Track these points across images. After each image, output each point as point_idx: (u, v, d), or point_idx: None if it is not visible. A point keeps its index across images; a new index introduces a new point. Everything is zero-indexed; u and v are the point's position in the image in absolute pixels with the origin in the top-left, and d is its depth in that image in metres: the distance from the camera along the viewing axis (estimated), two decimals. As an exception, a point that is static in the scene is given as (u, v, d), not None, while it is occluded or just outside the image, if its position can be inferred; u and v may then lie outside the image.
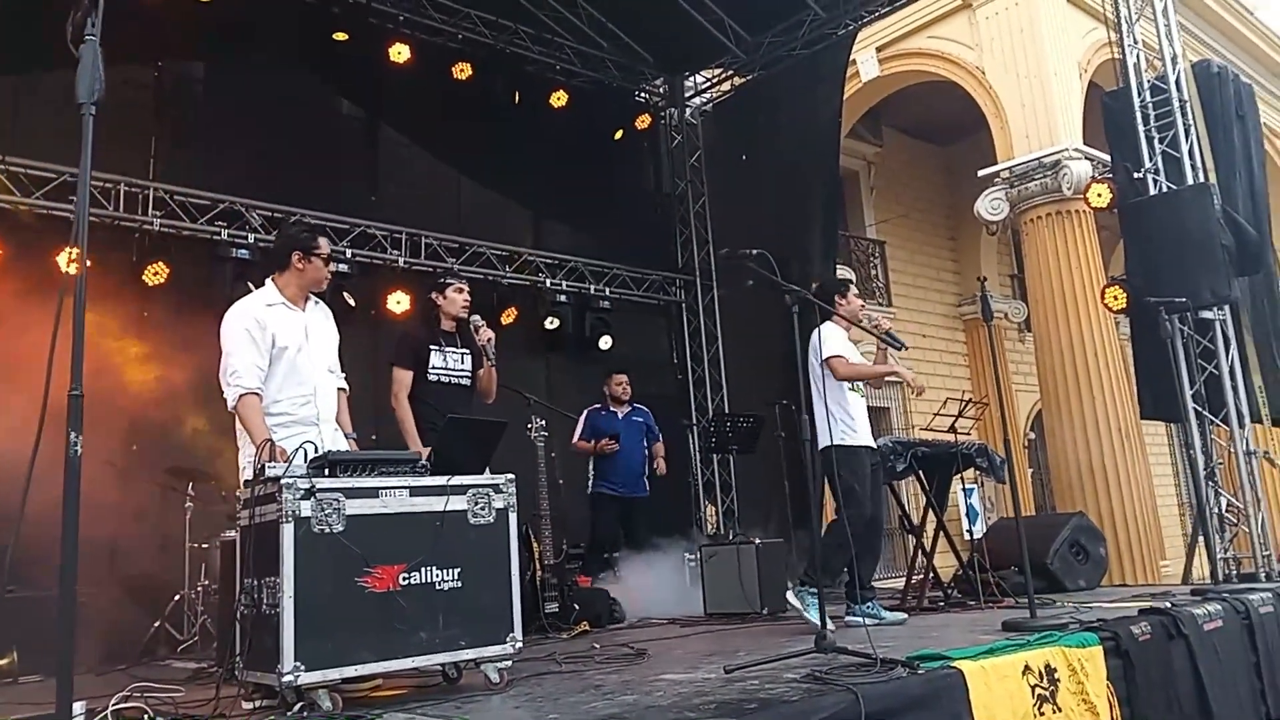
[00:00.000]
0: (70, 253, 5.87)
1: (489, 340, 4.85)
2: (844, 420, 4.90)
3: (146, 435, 5.81)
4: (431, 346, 4.92)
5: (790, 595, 4.93)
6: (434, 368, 4.90)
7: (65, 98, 6.09)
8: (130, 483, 5.60)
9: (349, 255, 7.20)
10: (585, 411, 7.15)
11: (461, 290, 5.03)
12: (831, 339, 4.93)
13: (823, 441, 4.82)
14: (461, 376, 4.99)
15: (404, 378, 4.83)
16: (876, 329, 4.91)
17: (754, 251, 3.91)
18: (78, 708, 2.90)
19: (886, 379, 5.36)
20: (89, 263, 5.93)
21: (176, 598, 5.49)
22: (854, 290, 5.26)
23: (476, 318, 4.94)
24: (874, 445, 5.14)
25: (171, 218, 6.51)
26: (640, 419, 7.22)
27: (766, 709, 2.62)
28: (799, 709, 2.63)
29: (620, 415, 7.13)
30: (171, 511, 5.69)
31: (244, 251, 6.67)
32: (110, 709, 2.79)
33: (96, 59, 2.00)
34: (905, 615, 4.99)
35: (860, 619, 4.58)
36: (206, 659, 4.84)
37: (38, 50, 6.00)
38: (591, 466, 7.00)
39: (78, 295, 2.01)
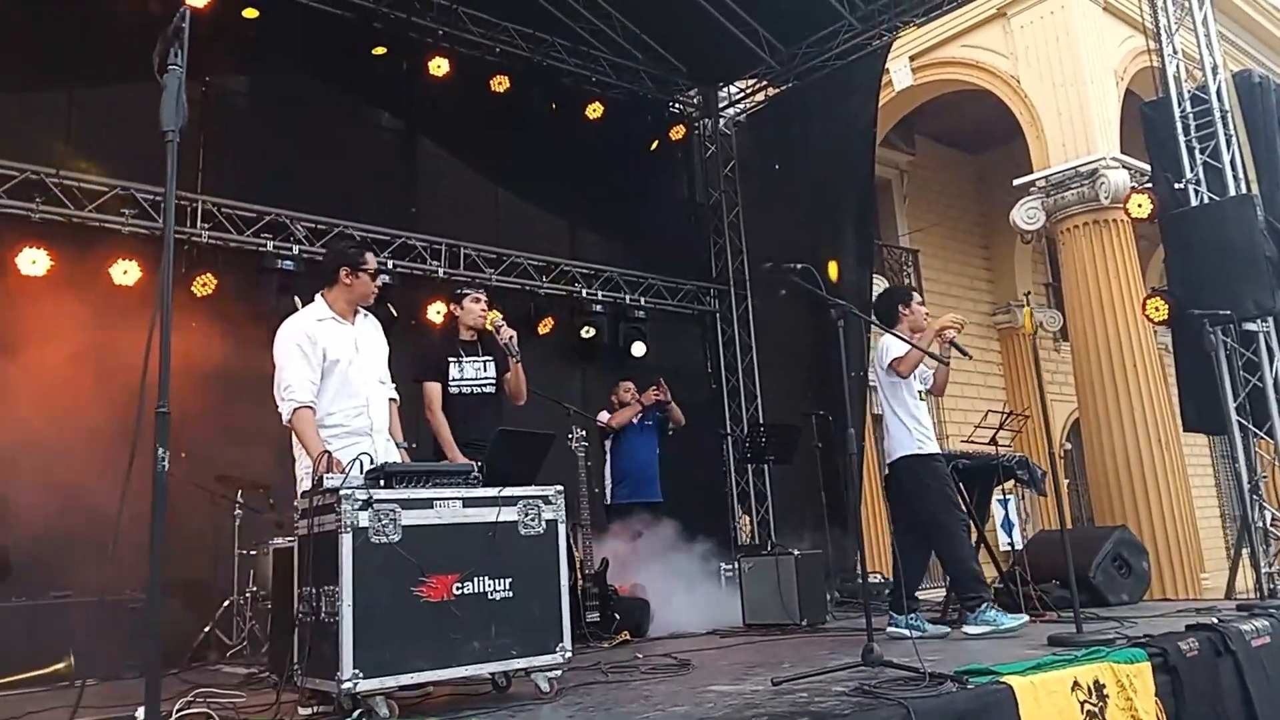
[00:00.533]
0: (123, 267, 6.05)
1: (511, 338, 4.84)
2: (918, 430, 4.91)
3: (195, 444, 5.91)
4: (450, 359, 5.00)
5: (890, 629, 4.87)
6: (453, 380, 4.98)
7: (116, 112, 6.28)
8: (180, 490, 5.69)
9: (390, 266, 7.30)
10: (601, 412, 7.13)
11: (479, 300, 5.08)
12: (892, 346, 4.92)
13: (899, 452, 4.86)
14: (485, 385, 5.05)
15: (433, 390, 4.93)
16: (941, 339, 4.91)
17: (799, 266, 3.93)
18: (140, 713, 2.98)
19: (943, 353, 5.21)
20: (140, 274, 6.09)
21: (226, 604, 5.59)
22: (918, 299, 5.24)
23: (496, 315, 4.95)
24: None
25: (219, 230, 6.64)
26: (651, 422, 7.11)
27: (819, 721, 2.65)
28: (851, 722, 2.66)
29: (634, 420, 7.06)
30: (220, 519, 5.80)
31: (289, 263, 6.78)
32: (176, 714, 2.86)
33: (180, 88, 2.08)
34: (948, 629, 4.98)
35: (904, 631, 4.59)
36: (256, 664, 4.94)
37: (90, 65, 6.20)
38: (609, 473, 6.91)
39: (164, 315, 2.08)
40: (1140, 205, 6.74)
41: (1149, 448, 9.56)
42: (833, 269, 8.29)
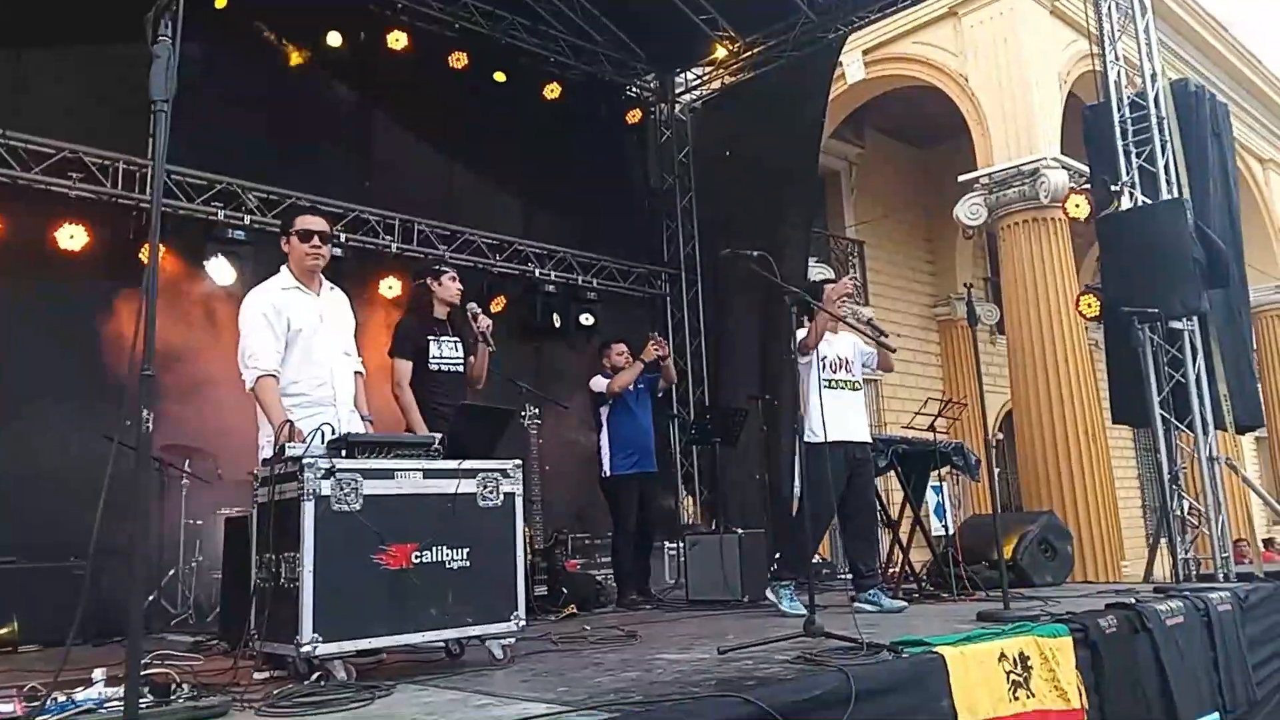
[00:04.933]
0: (69, 231, 5.96)
1: (488, 327, 5.03)
2: (815, 418, 4.99)
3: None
4: (429, 337, 5.09)
5: (768, 592, 5.16)
6: (434, 357, 5.06)
7: (65, 76, 6.14)
8: (129, 458, 5.65)
9: (342, 240, 7.28)
10: (594, 379, 6.58)
11: (455, 278, 5.21)
12: (798, 332, 5.07)
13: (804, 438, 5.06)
14: (456, 364, 5.18)
15: (405, 367, 4.99)
16: (857, 318, 5.09)
17: (756, 253, 4.06)
18: (98, 674, 3.01)
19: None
20: (88, 239, 5.99)
21: (171, 573, 5.58)
22: (828, 287, 5.30)
23: (473, 305, 5.12)
24: (858, 440, 5.26)
25: (169, 196, 6.55)
26: (643, 385, 6.65)
27: (765, 685, 2.78)
28: (794, 686, 2.80)
29: (631, 385, 6.64)
30: (168, 488, 5.77)
31: (240, 232, 6.73)
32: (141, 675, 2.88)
33: (172, 58, 2.10)
34: (906, 604, 5.18)
35: (865, 606, 4.85)
36: (202, 632, 4.94)
37: (39, 28, 6.06)
38: (606, 444, 6.43)
39: (149, 282, 2.11)
40: (1078, 205, 7.01)
41: (1077, 438, 9.94)
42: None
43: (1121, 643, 4.25)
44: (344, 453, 3.24)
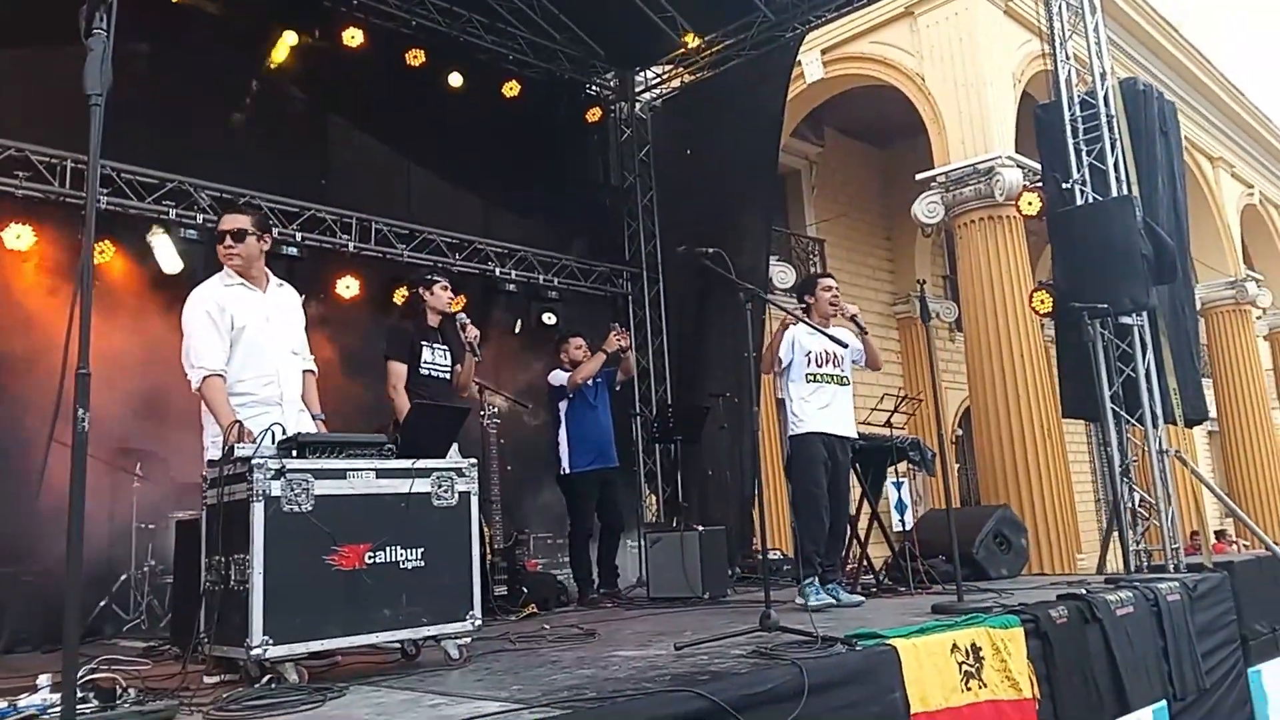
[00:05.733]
0: (16, 231, 5.84)
1: (475, 337, 5.25)
2: (800, 410, 5.17)
3: (94, 415, 5.74)
4: (423, 342, 5.26)
5: (796, 596, 5.03)
6: (425, 362, 5.25)
7: (10, 72, 6.01)
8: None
9: (298, 239, 7.21)
10: (552, 373, 6.57)
11: (447, 288, 5.43)
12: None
13: (787, 432, 5.16)
14: (444, 371, 5.36)
15: (400, 370, 5.15)
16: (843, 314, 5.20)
17: (711, 250, 4.08)
18: (43, 680, 2.96)
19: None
20: (34, 239, 5.87)
21: (123, 578, 5.49)
22: (824, 283, 5.51)
23: (462, 316, 5.34)
24: (840, 434, 5.28)
25: (119, 195, 6.44)
26: (601, 379, 6.56)
27: (718, 680, 2.80)
28: (748, 680, 2.82)
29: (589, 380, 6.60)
30: (119, 492, 5.67)
31: (192, 232, 6.63)
32: (81, 680, 2.84)
33: (106, 53, 2.07)
34: (863, 598, 5.21)
35: (825, 599, 4.89)
36: (155, 638, 4.87)
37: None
38: (565, 440, 6.34)
39: (84, 279, 2.07)
40: (1030, 203, 7.10)
41: (1033, 434, 10.09)
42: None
43: (1072, 632, 4.33)
44: (295, 453, 3.21)
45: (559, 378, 6.41)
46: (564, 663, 3.44)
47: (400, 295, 7.33)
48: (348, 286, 7.39)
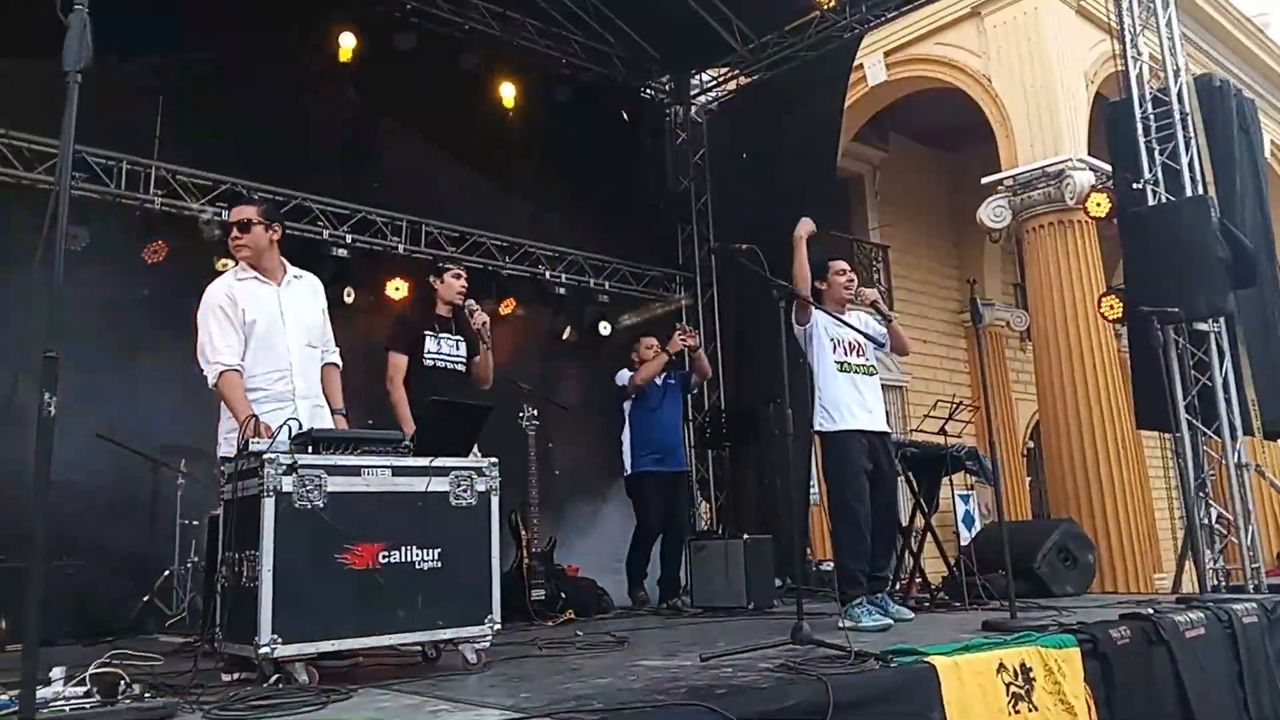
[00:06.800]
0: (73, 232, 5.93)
1: (484, 324, 4.96)
2: (829, 404, 4.79)
3: (142, 411, 5.84)
4: (426, 332, 4.99)
5: (843, 620, 4.52)
6: (429, 353, 4.96)
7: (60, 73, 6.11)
8: (124, 458, 5.63)
9: (349, 240, 7.25)
10: (619, 373, 6.55)
11: (460, 276, 5.13)
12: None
13: (815, 428, 4.79)
14: (456, 362, 5.06)
15: (399, 362, 4.90)
16: (862, 300, 4.90)
17: (744, 246, 3.93)
18: (56, 673, 2.95)
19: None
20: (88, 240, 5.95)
21: (166, 573, 5.53)
22: (836, 267, 5.06)
23: (471, 302, 5.05)
24: (877, 430, 4.88)
25: (173, 197, 6.54)
26: (675, 381, 6.57)
27: (736, 694, 2.64)
28: (768, 695, 2.66)
29: (657, 380, 6.50)
30: (164, 488, 5.73)
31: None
32: (89, 674, 2.81)
33: (85, 29, 2.02)
34: (913, 613, 4.85)
35: (878, 620, 4.48)
36: (194, 634, 4.88)
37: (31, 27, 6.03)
38: (627, 441, 6.31)
39: (55, 263, 2.02)
40: (1099, 204, 6.79)
41: (1105, 446, 9.65)
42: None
43: (1135, 654, 4.06)
44: (309, 448, 3.15)
45: (623, 377, 6.37)
46: (584, 671, 3.32)
47: (395, 287, 7.31)
48: (397, 288, 7.40)
